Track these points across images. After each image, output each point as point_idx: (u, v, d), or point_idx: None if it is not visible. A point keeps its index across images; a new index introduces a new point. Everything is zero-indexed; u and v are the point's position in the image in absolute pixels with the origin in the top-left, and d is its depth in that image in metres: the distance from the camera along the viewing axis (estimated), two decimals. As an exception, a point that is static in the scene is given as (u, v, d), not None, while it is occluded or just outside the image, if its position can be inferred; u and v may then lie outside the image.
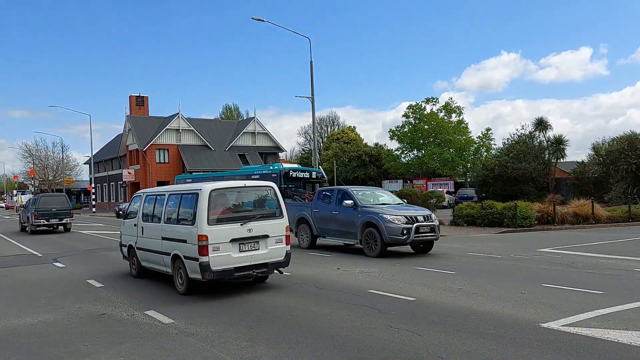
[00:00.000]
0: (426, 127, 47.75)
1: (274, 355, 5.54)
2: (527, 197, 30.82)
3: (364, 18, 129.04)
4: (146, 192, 11.09)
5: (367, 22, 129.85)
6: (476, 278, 9.88)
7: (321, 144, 68.13)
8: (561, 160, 39.85)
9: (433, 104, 48.45)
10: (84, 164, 72.20)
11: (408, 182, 47.87)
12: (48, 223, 26.18)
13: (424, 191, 31.21)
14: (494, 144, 47.94)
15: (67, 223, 26.85)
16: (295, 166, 27.72)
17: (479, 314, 7.03)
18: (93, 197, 55.08)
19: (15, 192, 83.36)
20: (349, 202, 13.85)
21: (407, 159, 51.18)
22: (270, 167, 25.54)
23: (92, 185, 54.67)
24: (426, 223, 13.17)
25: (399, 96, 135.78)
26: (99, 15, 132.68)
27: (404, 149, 50.79)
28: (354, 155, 57.44)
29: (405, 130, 49.32)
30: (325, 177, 25.61)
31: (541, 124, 39.19)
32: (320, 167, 30.76)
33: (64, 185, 65.25)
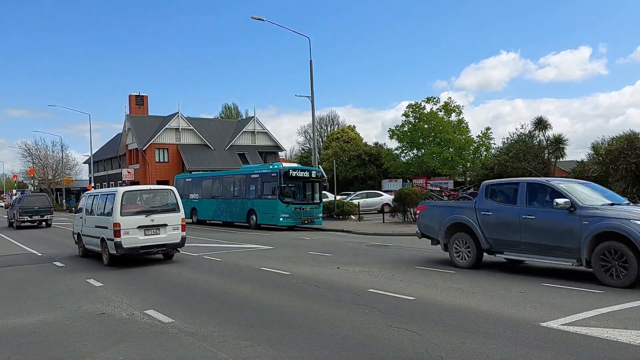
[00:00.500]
0: (426, 126, 47.72)
1: (273, 355, 5.54)
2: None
3: (363, 18, 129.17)
4: (88, 193, 15.28)
5: (367, 22, 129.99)
6: (475, 277, 9.90)
7: (321, 143, 68.06)
8: (561, 159, 39.79)
9: (434, 104, 48.40)
10: (84, 163, 72.25)
11: (408, 181, 47.86)
12: (31, 219, 29.48)
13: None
14: (494, 144, 47.83)
15: (48, 219, 30.20)
16: (295, 165, 27.72)
17: (479, 313, 7.03)
18: (93, 196, 54.97)
19: (14, 191, 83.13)
20: (561, 200, 9.31)
21: (406, 158, 51.15)
22: (270, 167, 25.55)
23: (92, 184, 54.70)
24: None
25: (399, 95, 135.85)
26: (98, 15, 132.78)
27: (404, 148, 50.76)
28: (354, 154, 57.37)
29: (405, 129, 49.28)
30: (325, 176, 25.60)
31: (541, 124, 39.15)
32: (320, 166, 30.75)
33: (64, 184, 65.26)
